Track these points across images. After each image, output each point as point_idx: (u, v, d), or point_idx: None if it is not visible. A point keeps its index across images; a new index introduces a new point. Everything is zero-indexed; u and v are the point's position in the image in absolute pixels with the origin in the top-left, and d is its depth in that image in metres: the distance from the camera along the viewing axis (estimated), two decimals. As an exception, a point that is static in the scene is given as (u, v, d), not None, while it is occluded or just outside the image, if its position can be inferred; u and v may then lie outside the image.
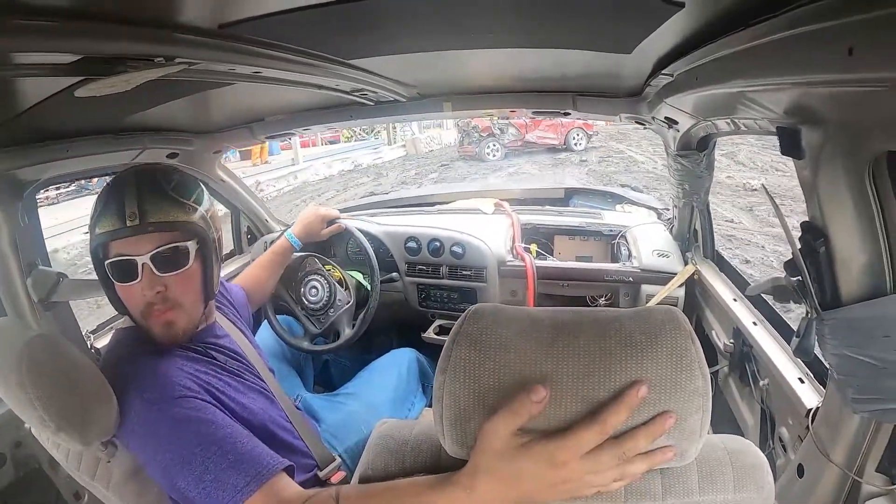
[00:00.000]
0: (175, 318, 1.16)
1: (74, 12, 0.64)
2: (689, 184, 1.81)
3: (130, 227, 1.09)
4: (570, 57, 1.26)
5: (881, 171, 0.72)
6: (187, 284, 1.19)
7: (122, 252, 1.11)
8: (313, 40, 1.01)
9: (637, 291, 2.16)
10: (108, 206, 1.10)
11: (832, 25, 0.56)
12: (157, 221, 1.11)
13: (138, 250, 1.10)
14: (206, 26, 0.82)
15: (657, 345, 0.59)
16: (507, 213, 2.49)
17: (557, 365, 0.60)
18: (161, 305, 1.14)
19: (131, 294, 1.14)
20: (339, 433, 1.51)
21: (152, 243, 1.11)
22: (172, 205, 1.15)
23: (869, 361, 0.78)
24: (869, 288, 0.80)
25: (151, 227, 1.11)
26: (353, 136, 19.52)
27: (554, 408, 0.60)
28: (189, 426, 1.01)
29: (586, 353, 0.60)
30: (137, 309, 1.14)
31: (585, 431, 0.59)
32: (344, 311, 2.05)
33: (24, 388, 0.93)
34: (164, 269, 1.13)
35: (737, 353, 1.61)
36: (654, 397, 0.59)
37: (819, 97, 0.73)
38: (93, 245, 1.12)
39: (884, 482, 0.91)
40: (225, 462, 0.97)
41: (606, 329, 0.61)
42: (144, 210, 1.10)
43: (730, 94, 0.99)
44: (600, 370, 0.59)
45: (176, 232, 1.14)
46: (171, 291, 1.15)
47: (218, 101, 1.56)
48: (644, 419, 0.60)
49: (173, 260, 1.14)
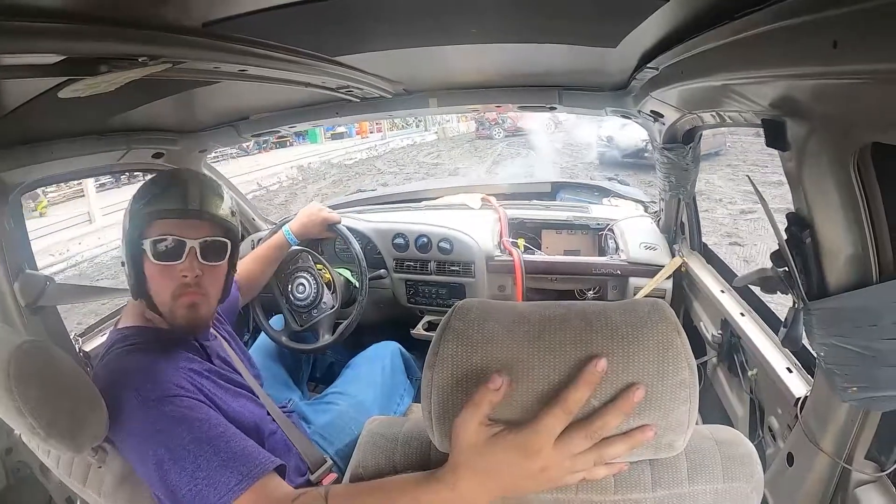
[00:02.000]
0: (201, 303, 1.23)
1: (57, 12, 0.63)
2: (675, 176, 1.82)
3: (192, 211, 1.18)
4: (555, 51, 1.26)
5: (866, 162, 0.73)
6: (217, 278, 1.28)
7: (173, 232, 1.17)
8: (298, 37, 1.00)
9: (625, 284, 2.17)
10: (170, 189, 1.19)
11: (816, 18, 0.56)
12: (214, 213, 1.22)
13: (191, 234, 1.18)
14: (190, 25, 0.81)
15: (643, 337, 0.60)
16: (495, 208, 2.49)
17: (544, 358, 0.60)
18: (194, 288, 1.20)
19: (168, 273, 1.18)
20: (328, 435, 1.51)
21: (204, 230, 1.21)
22: (223, 204, 1.26)
23: (856, 350, 0.79)
24: (855, 277, 0.80)
25: (208, 216, 1.21)
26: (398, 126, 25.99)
27: (541, 402, 0.60)
28: (182, 424, 1.01)
29: (573, 346, 0.60)
30: (168, 289, 1.19)
31: (550, 415, 0.59)
32: (326, 315, 2.04)
33: (11, 396, 0.91)
34: (207, 258, 1.21)
35: (725, 344, 1.62)
36: None
37: (804, 90, 0.73)
38: (138, 221, 1.17)
39: (873, 469, 0.92)
40: (217, 460, 0.97)
41: (593, 322, 0.61)
42: (205, 199, 1.21)
43: (715, 87, 0.99)
44: (587, 363, 0.59)
45: (223, 228, 1.25)
46: (203, 279, 1.22)
47: (203, 99, 1.55)
48: (635, 411, 0.60)
49: (216, 251, 1.24)
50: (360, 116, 2.08)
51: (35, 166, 1.33)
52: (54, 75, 0.77)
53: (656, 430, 0.61)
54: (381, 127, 24.33)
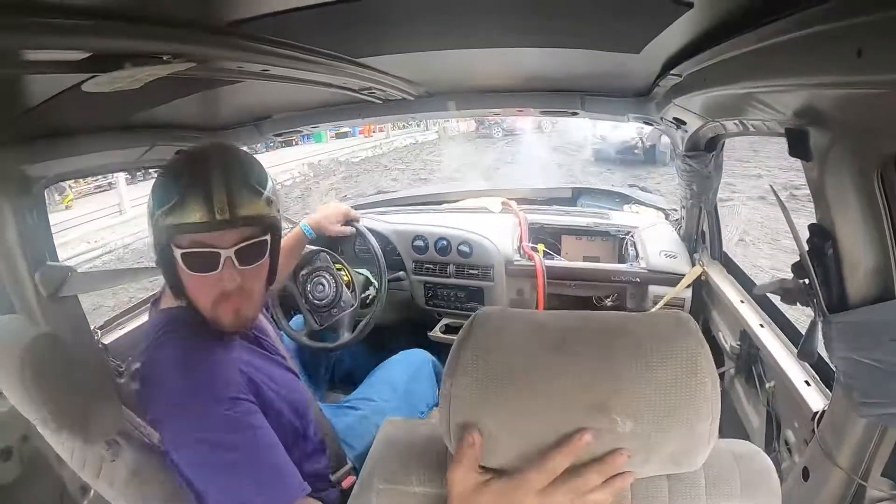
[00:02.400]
0: (244, 307, 1.15)
1: (83, 10, 0.65)
2: (697, 184, 1.80)
3: (221, 221, 1.04)
4: (578, 56, 1.26)
5: (890, 174, 0.72)
6: (260, 276, 1.18)
7: (205, 243, 1.06)
8: (322, 39, 1.01)
9: (644, 292, 2.15)
10: (193, 195, 1.04)
11: (841, 27, 0.55)
12: (247, 216, 1.08)
13: (224, 243, 1.07)
14: (214, 24, 0.82)
15: (667, 350, 0.59)
16: (515, 213, 2.49)
17: (565, 370, 0.59)
18: (236, 296, 1.12)
19: (205, 284, 1.10)
20: (348, 438, 1.50)
21: (238, 236, 1.09)
22: (257, 197, 1.11)
23: (876, 365, 0.77)
24: (876, 291, 0.79)
25: (241, 222, 1.07)
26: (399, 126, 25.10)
27: (563, 413, 0.60)
28: (236, 431, 1.00)
29: (595, 358, 0.59)
30: (209, 298, 1.11)
31: (535, 473, 0.62)
32: (347, 313, 2.05)
33: (25, 388, 0.94)
34: (245, 263, 1.10)
35: (743, 355, 1.60)
36: (664, 402, 0.59)
37: (828, 99, 0.73)
38: (165, 234, 1.07)
39: (889, 487, 0.90)
40: (261, 473, 0.98)
41: (614, 334, 0.61)
42: (234, 202, 1.06)
43: (738, 95, 0.98)
44: (608, 376, 0.59)
45: (258, 226, 1.12)
46: (245, 282, 1.12)
47: (226, 98, 1.56)
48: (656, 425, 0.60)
49: (254, 253, 1.12)
50: (382, 118, 2.10)
51: (58, 161, 1.34)
52: (79, 72, 0.78)
53: (634, 476, 0.64)
54: (384, 126, 24.05)
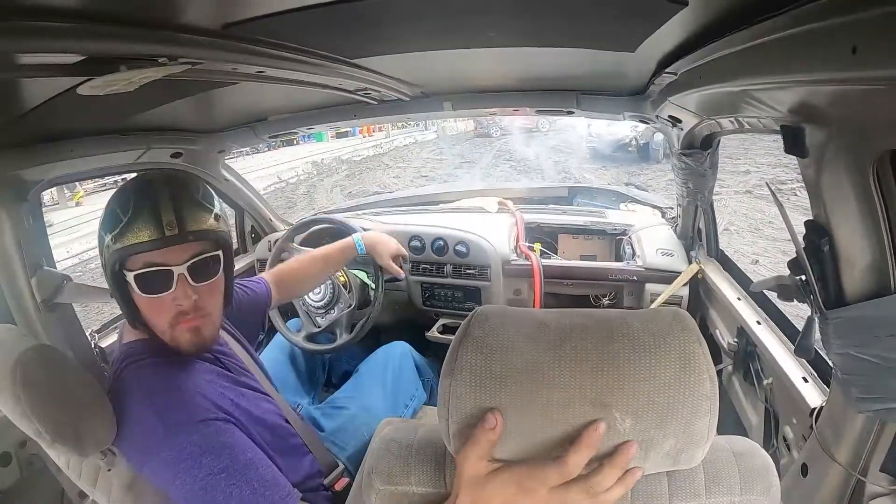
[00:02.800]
0: (202, 325, 1.14)
1: (79, 13, 0.64)
2: (692, 182, 1.80)
3: (170, 237, 1.04)
4: (573, 55, 1.26)
5: (885, 170, 0.72)
6: (215, 292, 1.18)
7: (156, 262, 1.06)
8: (317, 40, 1.01)
9: (641, 290, 2.15)
10: (140, 214, 1.04)
11: (835, 24, 0.55)
12: (196, 230, 1.08)
13: (175, 260, 1.07)
14: (210, 26, 0.82)
15: (665, 347, 0.59)
16: (511, 212, 2.49)
17: (564, 368, 0.59)
18: (192, 314, 1.11)
19: (160, 305, 1.10)
20: (339, 440, 1.50)
21: (189, 253, 1.08)
22: (206, 213, 1.11)
23: (873, 361, 0.78)
24: (873, 287, 0.79)
25: (191, 237, 1.07)
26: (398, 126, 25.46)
27: (563, 411, 0.60)
28: (211, 452, 0.99)
29: (594, 355, 0.59)
30: (165, 320, 1.11)
31: (551, 469, 0.61)
32: (344, 314, 2.05)
33: (18, 400, 0.93)
34: (199, 279, 1.10)
35: (741, 352, 1.60)
36: (663, 399, 0.59)
37: (823, 96, 0.73)
38: (116, 259, 1.06)
39: (888, 482, 0.90)
40: (248, 489, 0.96)
41: (614, 331, 0.61)
42: (182, 218, 1.06)
43: (733, 93, 0.99)
44: (609, 373, 0.59)
45: (209, 241, 1.12)
46: (201, 300, 1.12)
47: (222, 100, 1.56)
48: (655, 422, 0.60)
49: (207, 269, 1.13)
50: (378, 119, 2.10)
51: (54, 164, 1.34)
52: (75, 75, 0.78)
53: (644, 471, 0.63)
54: (384, 126, 24.62)
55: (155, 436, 1.00)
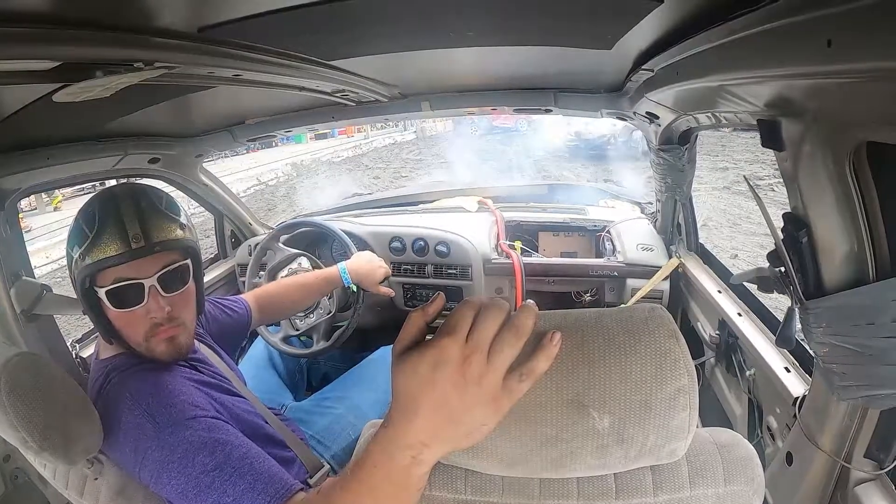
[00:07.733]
0: (177, 334, 1.15)
1: (52, 18, 0.63)
2: (671, 178, 1.82)
3: (136, 250, 1.05)
4: (550, 54, 1.26)
5: (861, 161, 0.73)
6: (187, 301, 1.18)
7: (126, 276, 1.06)
8: (293, 42, 1.00)
9: (622, 286, 2.17)
10: (105, 229, 1.04)
11: (811, 18, 0.56)
12: (162, 240, 1.09)
13: (145, 273, 1.07)
14: (185, 30, 0.81)
15: (640, 344, 0.60)
16: (491, 211, 2.49)
17: None
18: (167, 325, 1.12)
19: (134, 318, 1.10)
20: (325, 439, 1.49)
21: (157, 264, 1.09)
22: (170, 222, 1.12)
23: (854, 349, 0.79)
24: (852, 276, 0.80)
25: (158, 248, 1.08)
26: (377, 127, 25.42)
27: (540, 411, 0.60)
28: (203, 449, 0.97)
29: (569, 355, 0.60)
30: (140, 332, 1.11)
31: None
32: (323, 320, 2.02)
33: (3, 409, 0.91)
34: (170, 290, 1.11)
35: (723, 344, 1.62)
36: (639, 396, 0.60)
37: (799, 89, 0.74)
38: (84, 274, 1.06)
39: (872, 467, 0.92)
40: (243, 483, 0.93)
41: (589, 330, 0.61)
42: (148, 230, 1.07)
43: (710, 88, 0.99)
44: (584, 373, 0.59)
45: (177, 250, 1.13)
46: (174, 311, 1.13)
47: (199, 104, 1.54)
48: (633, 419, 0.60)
49: (177, 279, 1.13)
50: (356, 120, 2.09)
51: (31, 172, 1.32)
52: (49, 81, 0.76)
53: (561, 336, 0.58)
54: (364, 127, 24.52)
55: (147, 436, 1.00)
